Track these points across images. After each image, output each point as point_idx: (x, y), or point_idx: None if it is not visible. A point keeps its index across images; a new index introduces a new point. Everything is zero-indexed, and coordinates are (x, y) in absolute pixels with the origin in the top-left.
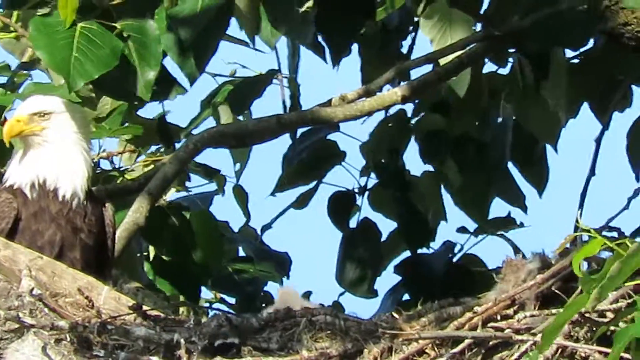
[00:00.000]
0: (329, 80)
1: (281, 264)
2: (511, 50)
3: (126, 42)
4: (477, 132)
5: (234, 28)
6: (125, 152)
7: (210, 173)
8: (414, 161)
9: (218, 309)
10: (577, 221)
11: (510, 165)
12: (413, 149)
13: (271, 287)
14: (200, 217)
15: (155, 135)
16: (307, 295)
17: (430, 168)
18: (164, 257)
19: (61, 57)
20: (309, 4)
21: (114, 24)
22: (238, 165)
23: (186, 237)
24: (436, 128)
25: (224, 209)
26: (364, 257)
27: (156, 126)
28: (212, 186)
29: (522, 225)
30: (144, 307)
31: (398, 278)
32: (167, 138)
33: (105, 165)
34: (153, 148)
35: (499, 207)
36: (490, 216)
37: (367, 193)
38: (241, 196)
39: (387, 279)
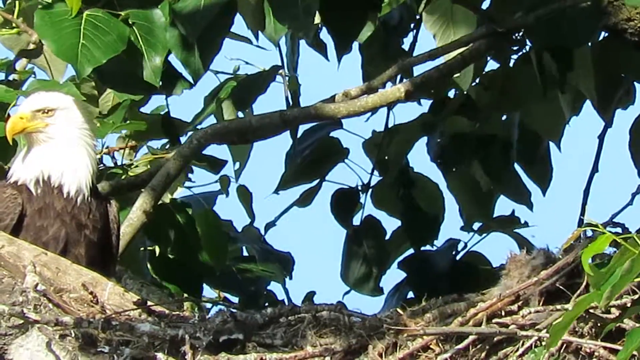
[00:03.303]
0: (330, 78)
1: (284, 264)
2: (516, 47)
3: (131, 29)
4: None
5: (236, 25)
6: (126, 147)
7: (216, 165)
8: (416, 159)
9: (224, 304)
10: (582, 215)
11: (514, 162)
12: (416, 147)
13: (274, 285)
14: (205, 217)
15: (159, 131)
16: (311, 295)
17: (429, 165)
18: (169, 255)
19: (68, 44)
20: None
21: (119, 12)
22: (237, 164)
23: (191, 236)
24: (461, 130)
25: (227, 208)
26: (368, 255)
27: (160, 121)
28: (216, 185)
29: (526, 224)
30: (149, 303)
31: (402, 275)
32: (171, 133)
33: (107, 161)
34: (157, 144)
35: (505, 205)
36: (497, 212)
37: (370, 191)
38: (245, 196)
39: (392, 277)
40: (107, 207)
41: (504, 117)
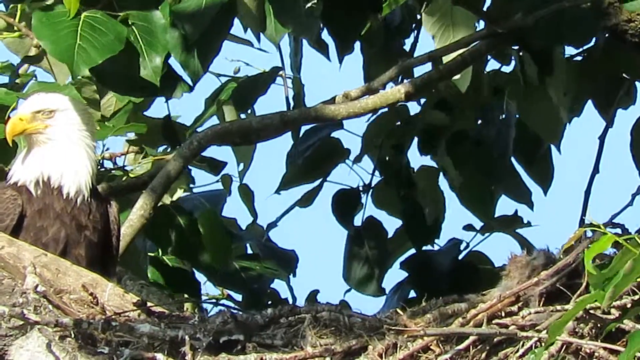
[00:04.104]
0: (332, 78)
1: (288, 262)
2: (514, 48)
3: (131, 29)
4: (476, 129)
5: (236, 28)
6: (129, 152)
7: (216, 167)
8: (418, 159)
9: (224, 305)
10: (583, 215)
11: (515, 163)
12: (416, 147)
13: (277, 284)
14: (207, 217)
15: (160, 136)
16: (314, 294)
17: (428, 162)
18: (170, 257)
19: (65, 45)
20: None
21: (117, 14)
22: (242, 165)
23: (192, 237)
24: (436, 122)
25: (232, 206)
26: (370, 256)
27: (161, 126)
28: (218, 185)
29: (529, 224)
30: (149, 304)
31: (404, 275)
32: (172, 138)
33: (108, 165)
34: (159, 149)
35: (506, 205)
36: (497, 214)
37: (371, 191)
38: (247, 195)
39: (393, 277)
40: (107, 208)
41: (501, 117)
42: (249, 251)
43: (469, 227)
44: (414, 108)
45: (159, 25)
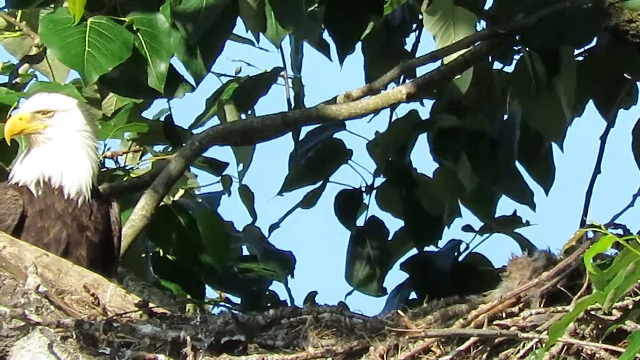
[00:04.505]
0: (333, 78)
1: (285, 263)
2: (518, 47)
3: (136, 35)
4: (490, 129)
5: (238, 27)
6: (130, 151)
7: (218, 167)
8: (420, 159)
9: (225, 306)
10: (584, 216)
11: (517, 163)
12: (420, 146)
13: (276, 286)
14: (206, 218)
15: (161, 135)
16: (313, 295)
17: (431, 163)
18: (168, 256)
19: (74, 52)
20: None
21: (122, 19)
22: (241, 165)
23: (192, 237)
24: (449, 125)
25: (228, 207)
26: (372, 256)
27: (162, 127)
28: (218, 186)
29: (527, 223)
30: (150, 305)
31: (404, 277)
32: (173, 138)
33: (110, 164)
34: (160, 148)
35: (506, 205)
36: (498, 214)
37: (374, 192)
38: (247, 196)
39: (394, 278)
40: (108, 209)
41: (505, 117)
42: (245, 253)
43: (467, 228)
44: (422, 111)
45: (163, 30)
